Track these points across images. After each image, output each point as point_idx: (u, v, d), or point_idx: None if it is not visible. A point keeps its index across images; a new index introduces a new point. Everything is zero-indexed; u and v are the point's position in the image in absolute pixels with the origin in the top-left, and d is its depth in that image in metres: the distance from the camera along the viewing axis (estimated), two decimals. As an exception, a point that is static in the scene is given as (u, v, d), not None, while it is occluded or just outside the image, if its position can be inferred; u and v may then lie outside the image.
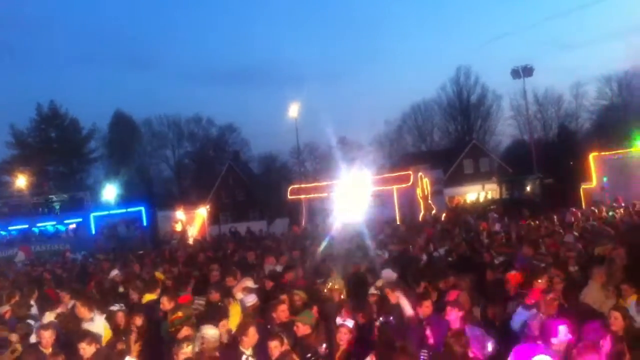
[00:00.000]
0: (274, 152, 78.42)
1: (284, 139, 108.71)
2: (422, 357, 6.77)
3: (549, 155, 52.34)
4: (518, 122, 69.47)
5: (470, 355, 6.49)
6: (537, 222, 20.03)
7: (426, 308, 8.04)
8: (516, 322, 7.76)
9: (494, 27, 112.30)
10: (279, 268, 13.93)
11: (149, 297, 10.75)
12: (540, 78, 78.16)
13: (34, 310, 11.84)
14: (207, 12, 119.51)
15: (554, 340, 6.24)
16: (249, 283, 11.06)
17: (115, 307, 10.10)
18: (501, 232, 18.42)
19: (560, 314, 7.32)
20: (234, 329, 8.49)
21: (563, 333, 6.27)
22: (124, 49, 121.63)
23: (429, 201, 31.04)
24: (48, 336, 8.36)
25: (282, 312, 8.69)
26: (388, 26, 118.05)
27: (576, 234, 15.39)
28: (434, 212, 30.43)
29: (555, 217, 21.13)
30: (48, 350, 8.12)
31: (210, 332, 7.68)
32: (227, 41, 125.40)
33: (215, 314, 9.07)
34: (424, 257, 14.51)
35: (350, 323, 7.54)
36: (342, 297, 10.04)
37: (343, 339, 7.36)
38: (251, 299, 10.13)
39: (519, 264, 10.94)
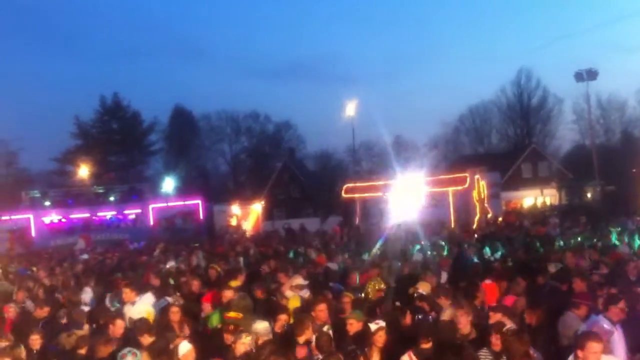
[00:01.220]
0: (330, 150, 78.64)
1: (340, 137, 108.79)
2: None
3: (611, 162, 50.87)
4: (580, 127, 67.80)
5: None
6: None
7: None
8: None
9: (556, 29, 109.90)
10: (332, 266, 14.08)
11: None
12: (604, 82, 76.21)
13: (89, 296, 12.27)
14: (267, 7, 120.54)
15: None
16: (300, 280, 11.19)
17: (170, 299, 10.37)
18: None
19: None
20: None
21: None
22: (185, 43, 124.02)
23: (485, 204, 30.63)
24: (119, 325, 8.66)
25: (320, 311, 8.67)
26: (448, 25, 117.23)
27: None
28: (490, 215, 30.03)
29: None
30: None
31: (260, 326, 7.80)
32: (286, 38, 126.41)
33: (265, 309, 9.25)
34: (475, 259, 14.36)
35: (382, 323, 7.57)
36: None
37: (379, 340, 7.40)
38: (304, 294, 10.28)
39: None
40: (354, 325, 7.99)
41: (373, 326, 7.48)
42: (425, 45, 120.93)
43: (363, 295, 10.57)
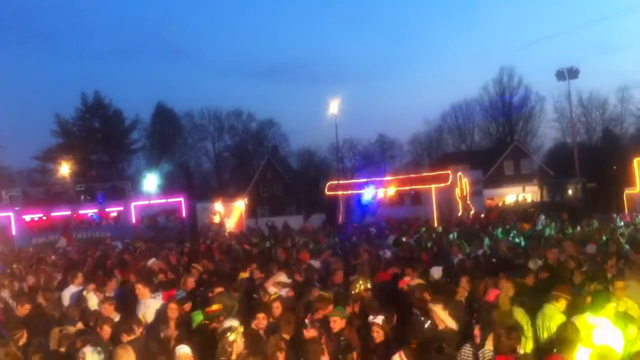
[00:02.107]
0: (313, 147, 78.87)
1: (323, 134, 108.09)
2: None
3: (592, 159, 51.38)
4: (561, 125, 68.38)
5: None
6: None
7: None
8: None
9: (538, 28, 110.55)
10: (315, 264, 14.05)
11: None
12: (585, 81, 76.97)
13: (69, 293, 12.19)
14: (250, 6, 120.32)
15: None
16: (282, 277, 11.17)
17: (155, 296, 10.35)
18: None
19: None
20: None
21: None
22: (168, 42, 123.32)
23: (468, 201, 30.83)
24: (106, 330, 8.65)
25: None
26: (430, 24, 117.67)
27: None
28: (472, 212, 30.23)
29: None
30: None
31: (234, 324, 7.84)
32: (269, 37, 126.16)
33: (246, 309, 9.27)
34: (460, 256, 14.39)
35: (379, 319, 7.57)
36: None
37: (376, 335, 7.42)
38: (284, 292, 10.29)
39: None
40: (337, 323, 7.95)
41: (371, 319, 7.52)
42: (409, 44, 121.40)
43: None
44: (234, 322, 7.44)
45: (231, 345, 6.89)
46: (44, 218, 33.91)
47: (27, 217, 33.58)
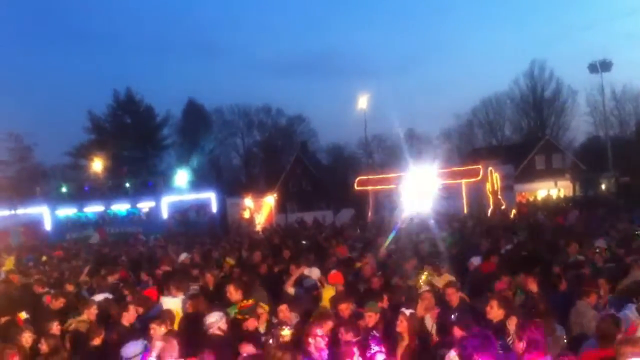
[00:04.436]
0: (342, 143, 78.77)
1: (352, 130, 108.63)
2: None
3: (626, 154, 50.49)
4: (594, 119, 67.24)
5: None
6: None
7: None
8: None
9: (570, 20, 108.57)
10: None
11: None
12: (618, 73, 75.30)
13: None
14: (280, 1, 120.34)
15: None
16: (315, 273, 11.19)
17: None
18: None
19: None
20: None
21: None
22: (197, 38, 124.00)
23: (499, 196, 30.53)
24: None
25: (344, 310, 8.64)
26: (460, 17, 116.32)
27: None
28: (503, 207, 29.94)
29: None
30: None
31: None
32: (299, 32, 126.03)
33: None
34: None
35: (407, 312, 7.53)
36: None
37: (400, 325, 7.37)
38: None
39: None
40: (372, 318, 7.91)
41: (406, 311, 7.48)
42: (438, 38, 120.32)
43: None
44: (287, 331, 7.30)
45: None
46: (78, 214, 34.41)
47: (61, 213, 34.13)
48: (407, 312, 7.50)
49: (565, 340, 7.14)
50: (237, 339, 7.47)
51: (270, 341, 6.79)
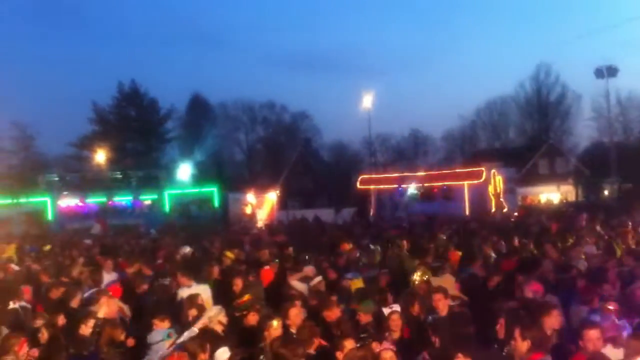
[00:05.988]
0: (345, 141, 78.75)
1: (356, 128, 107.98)
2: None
3: (629, 160, 50.38)
4: (598, 124, 67.16)
5: None
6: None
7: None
8: None
9: (577, 25, 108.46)
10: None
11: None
12: (624, 80, 75.19)
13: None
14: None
15: None
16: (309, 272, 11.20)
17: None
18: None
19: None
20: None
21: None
22: (203, 31, 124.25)
23: (501, 199, 30.51)
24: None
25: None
26: (467, 18, 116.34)
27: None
28: (505, 210, 29.92)
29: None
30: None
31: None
32: (304, 28, 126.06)
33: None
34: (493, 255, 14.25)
35: (396, 307, 7.54)
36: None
37: (393, 324, 7.38)
38: (316, 280, 10.31)
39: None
40: (363, 317, 7.96)
41: (386, 310, 7.47)
42: (444, 38, 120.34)
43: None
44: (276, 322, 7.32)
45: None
46: (80, 204, 34.39)
47: (63, 203, 34.14)
48: (396, 307, 7.56)
49: None
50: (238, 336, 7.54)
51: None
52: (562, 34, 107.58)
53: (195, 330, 6.98)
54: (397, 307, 7.56)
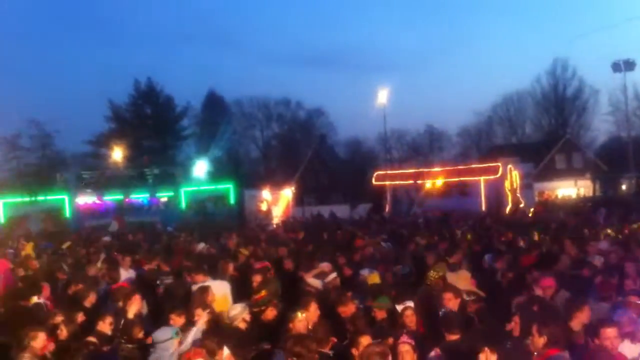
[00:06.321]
0: (361, 137, 78.71)
1: (371, 124, 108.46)
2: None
3: (647, 154, 49.97)
4: (615, 119, 66.61)
5: None
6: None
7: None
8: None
9: (594, 19, 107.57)
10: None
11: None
12: (641, 74, 74.43)
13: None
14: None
15: None
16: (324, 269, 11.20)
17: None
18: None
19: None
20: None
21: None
22: (218, 29, 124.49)
23: (518, 195, 30.35)
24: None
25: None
26: (483, 13, 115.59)
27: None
28: (522, 205, 29.76)
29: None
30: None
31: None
32: (319, 25, 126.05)
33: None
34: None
35: (411, 303, 7.53)
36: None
37: (407, 321, 7.39)
38: (331, 277, 10.31)
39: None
40: (378, 313, 7.97)
41: (399, 307, 7.47)
42: (460, 34, 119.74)
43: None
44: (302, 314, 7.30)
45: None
46: (97, 202, 34.61)
47: (81, 201, 34.37)
48: (409, 303, 7.55)
49: None
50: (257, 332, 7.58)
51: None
52: (578, 28, 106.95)
53: (199, 329, 7.02)
54: (410, 304, 7.55)
